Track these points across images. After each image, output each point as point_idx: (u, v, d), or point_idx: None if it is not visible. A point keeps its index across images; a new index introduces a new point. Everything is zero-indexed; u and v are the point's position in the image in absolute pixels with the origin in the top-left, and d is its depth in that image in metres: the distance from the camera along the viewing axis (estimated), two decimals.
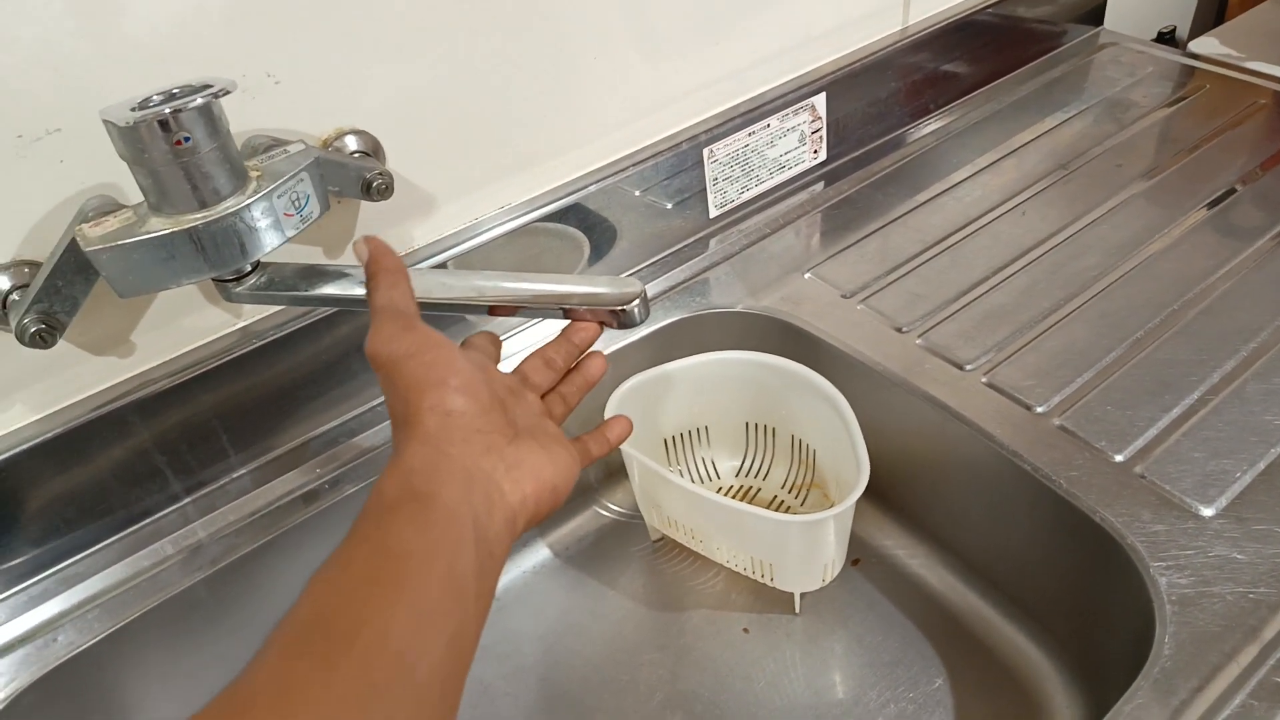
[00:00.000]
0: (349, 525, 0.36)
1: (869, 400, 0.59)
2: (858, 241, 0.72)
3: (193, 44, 0.47)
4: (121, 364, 0.52)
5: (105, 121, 0.40)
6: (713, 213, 0.74)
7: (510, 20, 0.57)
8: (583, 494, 0.72)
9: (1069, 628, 0.56)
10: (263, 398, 0.56)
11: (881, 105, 0.81)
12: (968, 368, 0.59)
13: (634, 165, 0.67)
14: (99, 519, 0.54)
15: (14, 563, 0.52)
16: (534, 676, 0.61)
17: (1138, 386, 0.57)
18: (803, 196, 0.77)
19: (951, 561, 0.63)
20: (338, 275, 0.48)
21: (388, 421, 0.45)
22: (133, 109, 0.40)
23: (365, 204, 0.56)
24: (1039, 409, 0.56)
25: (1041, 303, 0.64)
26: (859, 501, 0.53)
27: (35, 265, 0.47)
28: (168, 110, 0.39)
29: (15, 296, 0.46)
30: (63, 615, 0.52)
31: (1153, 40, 1.02)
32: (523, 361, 0.49)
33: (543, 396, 0.48)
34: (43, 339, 0.45)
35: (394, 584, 0.33)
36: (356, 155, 0.53)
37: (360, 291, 0.46)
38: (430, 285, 0.47)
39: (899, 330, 0.63)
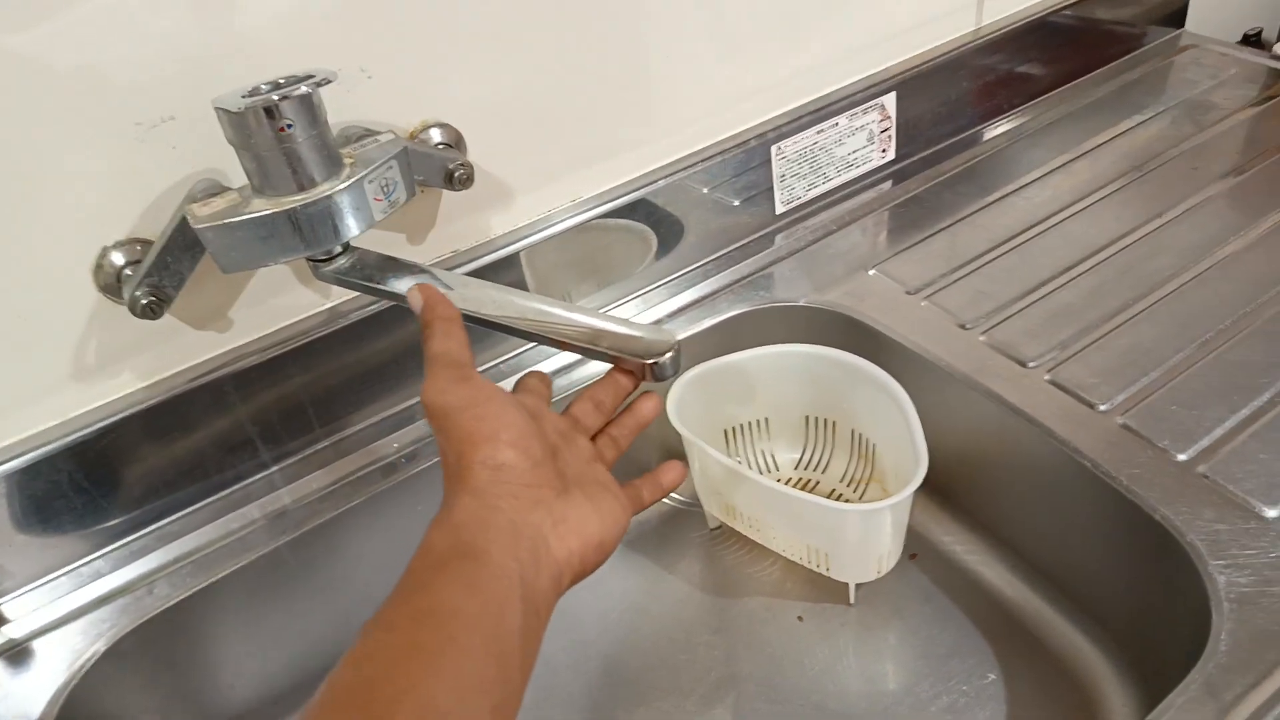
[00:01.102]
0: (423, 497, 0.37)
1: (930, 395, 0.60)
2: (924, 239, 0.72)
3: (295, 41, 0.50)
4: (220, 338, 0.56)
5: (217, 108, 0.43)
6: (779, 209, 0.75)
7: (588, 18, 0.59)
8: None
9: (1125, 625, 0.56)
10: (346, 374, 0.60)
11: (952, 105, 0.81)
12: (1031, 365, 0.60)
13: (703, 161, 0.69)
14: (194, 482, 0.57)
15: (117, 520, 0.56)
16: (594, 651, 0.63)
17: (1205, 387, 0.56)
18: (870, 195, 0.78)
19: (1008, 557, 0.63)
20: (414, 271, 0.50)
21: None
22: (243, 97, 0.43)
23: (447, 193, 0.59)
24: (1102, 407, 0.56)
25: (1110, 302, 0.63)
26: (918, 496, 0.54)
27: (147, 243, 0.50)
28: (274, 98, 0.43)
29: (129, 271, 0.50)
30: (159, 570, 0.55)
31: (1237, 43, 1.00)
32: (572, 404, 0.49)
33: (593, 438, 0.48)
34: (152, 311, 0.48)
35: (438, 650, 0.33)
36: (440, 146, 0.56)
37: None
38: (480, 299, 0.48)
39: (963, 327, 0.63)
